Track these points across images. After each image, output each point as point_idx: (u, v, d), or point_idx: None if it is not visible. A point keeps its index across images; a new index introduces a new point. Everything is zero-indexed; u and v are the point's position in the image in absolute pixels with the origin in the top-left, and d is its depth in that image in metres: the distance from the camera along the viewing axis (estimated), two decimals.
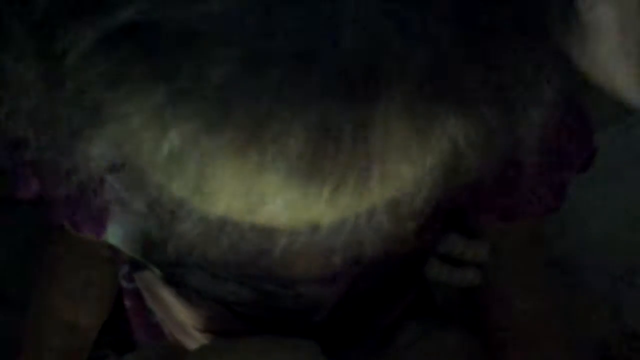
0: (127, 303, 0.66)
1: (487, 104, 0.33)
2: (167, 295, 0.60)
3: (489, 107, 0.33)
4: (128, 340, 0.69)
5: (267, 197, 0.33)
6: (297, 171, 0.32)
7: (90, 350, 0.66)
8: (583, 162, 0.56)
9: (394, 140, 0.32)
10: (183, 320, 0.61)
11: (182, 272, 0.57)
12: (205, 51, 0.30)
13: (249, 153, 0.31)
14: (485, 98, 0.33)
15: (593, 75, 0.52)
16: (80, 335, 0.64)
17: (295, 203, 0.33)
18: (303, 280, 0.55)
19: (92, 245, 0.64)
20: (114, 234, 0.56)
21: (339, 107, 0.31)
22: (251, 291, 0.56)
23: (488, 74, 0.32)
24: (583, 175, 0.58)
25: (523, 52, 0.33)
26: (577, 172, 0.57)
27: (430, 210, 0.46)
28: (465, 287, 0.61)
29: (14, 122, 0.37)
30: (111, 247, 0.64)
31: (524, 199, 0.56)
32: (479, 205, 0.57)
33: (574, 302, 0.66)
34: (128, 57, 0.31)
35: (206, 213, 0.34)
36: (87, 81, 0.32)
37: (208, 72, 0.30)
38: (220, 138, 0.31)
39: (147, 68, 0.31)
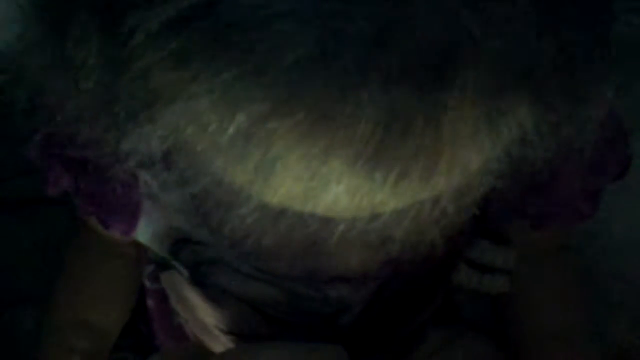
0: (150, 303, 0.65)
1: (558, 94, 0.33)
2: (193, 296, 0.59)
3: (559, 98, 0.33)
4: (149, 344, 0.69)
5: (331, 183, 0.32)
6: (364, 156, 0.31)
7: (111, 353, 0.65)
8: (618, 170, 0.56)
9: (464, 126, 0.31)
10: (208, 321, 0.60)
11: (209, 271, 0.56)
12: (280, 31, 0.30)
13: (317, 136, 0.31)
14: (556, 88, 0.32)
15: None
16: (102, 336, 0.64)
17: (359, 189, 0.32)
18: (341, 278, 0.54)
19: (117, 245, 0.63)
20: (143, 232, 0.56)
21: (412, 92, 0.30)
22: (280, 292, 0.56)
23: (561, 64, 0.32)
24: None
25: (593, 45, 0.33)
26: (612, 180, 0.56)
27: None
28: (493, 295, 0.61)
29: (71, 105, 0.36)
30: (136, 246, 0.63)
31: (558, 206, 0.56)
32: (511, 211, 0.57)
33: (592, 311, 0.66)
34: (198, 36, 0.31)
35: (266, 198, 0.34)
36: (153, 61, 0.32)
37: (282, 52, 0.30)
38: (289, 120, 0.31)
39: (219, 47, 0.30)
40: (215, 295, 0.58)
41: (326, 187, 0.32)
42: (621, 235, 0.76)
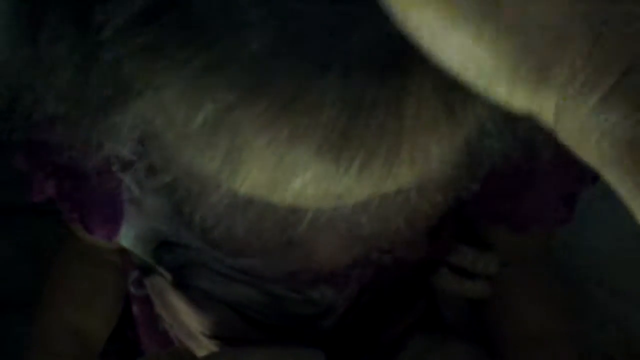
0: (136, 310, 0.66)
1: None
2: (177, 301, 0.60)
3: None
4: (135, 350, 0.69)
5: (297, 171, 0.33)
6: (328, 143, 0.32)
7: (98, 359, 0.65)
8: (593, 173, 0.57)
9: (424, 115, 0.32)
10: (192, 325, 0.61)
11: (191, 273, 0.57)
12: (244, 22, 0.31)
13: (282, 124, 0.32)
14: None
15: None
16: (88, 341, 0.64)
17: (325, 177, 0.33)
18: (318, 278, 0.55)
19: (101, 253, 0.64)
20: (126, 236, 0.57)
21: (373, 78, 0.31)
22: (261, 294, 0.56)
23: None
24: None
25: None
26: (589, 184, 0.57)
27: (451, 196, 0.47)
28: (474, 299, 0.62)
29: (43, 104, 0.37)
30: (120, 254, 0.64)
31: (535, 210, 0.57)
32: (489, 215, 0.58)
33: (580, 319, 0.66)
34: (166, 29, 0.32)
35: (235, 187, 0.34)
36: (122, 54, 0.33)
37: (246, 43, 0.31)
38: (254, 109, 0.31)
39: (186, 38, 0.31)
40: (198, 298, 0.58)
41: (293, 175, 0.33)
42: (607, 245, 0.76)
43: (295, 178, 0.33)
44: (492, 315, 0.62)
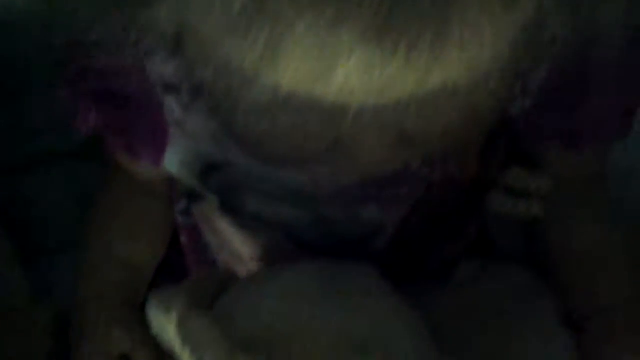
0: (184, 239, 0.66)
1: None
2: (225, 226, 0.59)
3: None
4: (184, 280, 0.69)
5: (340, 58, 0.32)
6: (373, 27, 0.31)
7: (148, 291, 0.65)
8: None
9: None
10: (241, 251, 0.60)
11: (238, 196, 0.56)
12: None
13: (325, 6, 0.30)
14: None
15: None
16: (137, 271, 0.64)
17: (369, 64, 0.32)
18: (367, 196, 0.53)
19: (148, 184, 0.64)
20: (172, 161, 0.56)
21: None
22: (309, 215, 0.56)
23: None
24: None
25: None
26: None
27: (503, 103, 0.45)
28: (527, 221, 0.60)
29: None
30: (167, 184, 0.64)
31: (590, 124, 0.55)
32: (542, 132, 0.56)
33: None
34: None
35: (276, 80, 0.33)
36: None
37: None
38: None
39: None
40: (246, 222, 0.58)
41: (335, 63, 0.32)
42: None
43: (338, 67, 0.32)
44: (545, 237, 0.61)
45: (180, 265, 0.68)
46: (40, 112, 0.78)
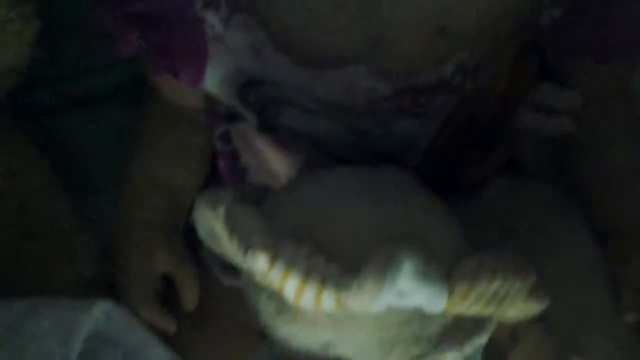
0: (222, 165, 0.67)
1: None
2: (263, 145, 0.61)
3: None
4: None
5: None
6: None
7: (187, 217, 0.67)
8: None
9: None
10: (277, 171, 0.62)
11: (276, 111, 0.58)
12: None
13: None
14: None
15: None
16: (178, 197, 0.66)
17: None
18: (401, 108, 0.55)
19: (187, 112, 0.66)
20: (212, 79, 0.58)
21: None
22: (345, 129, 0.57)
23: None
24: None
25: None
26: None
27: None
28: (557, 138, 0.61)
29: None
30: (205, 112, 0.66)
31: (620, 37, 0.56)
32: (571, 45, 0.57)
33: None
34: None
35: None
36: None
37: None
38: None
39: None
40: (284, 139, 0.59)
41: None
42: None
43: None
44: (574, 154, 0.62)
45: None
46: (79, 56, 0.80)
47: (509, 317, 0.47)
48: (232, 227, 0.46)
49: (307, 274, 0.43)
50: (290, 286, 0.44)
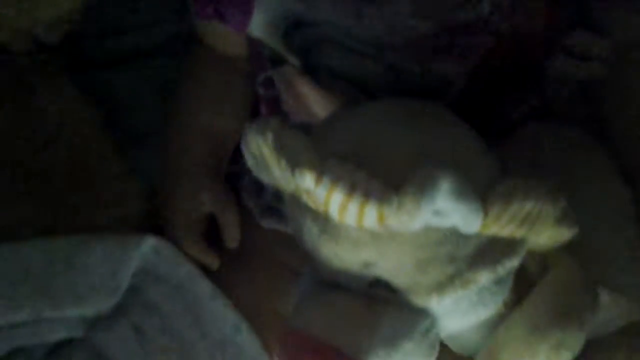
0: (264, 110, 0.70)
1: None
2: (305, 88, 0.63)
3: None
4: None
5: None
6: None
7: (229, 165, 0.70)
8: None
9: None
10: (319, 114, 0.65)
11: (319, 53, 0.60)
12: None
13: None
14: None
15: None
16: (220, 141, 0.68)
17: None
18: (439, 46, 0.56)
19: (230, 60, 0.68)
20: (258, 24, 0.60)
21: None
22: (384, 68, 0.59)
23: None
24: None
25: None
26: None
27: None
28: (587, 82, 0.63)
29: None
30: (249, 62, 0.68)
31: None
32: None
33: None
34: None
35: None
36: None
37: None
38: None
39: None
40: (325, 80, 0.62)
41: None
42: None
43: None
44: (603, 99, 0.64)
45: None
46: (124, 13, 0.82)
47: (540, 243, 0.49)
48: (280, 150, 0.48)
49: (351, 190, 0.45)
50: (335, 202, 0.46)
